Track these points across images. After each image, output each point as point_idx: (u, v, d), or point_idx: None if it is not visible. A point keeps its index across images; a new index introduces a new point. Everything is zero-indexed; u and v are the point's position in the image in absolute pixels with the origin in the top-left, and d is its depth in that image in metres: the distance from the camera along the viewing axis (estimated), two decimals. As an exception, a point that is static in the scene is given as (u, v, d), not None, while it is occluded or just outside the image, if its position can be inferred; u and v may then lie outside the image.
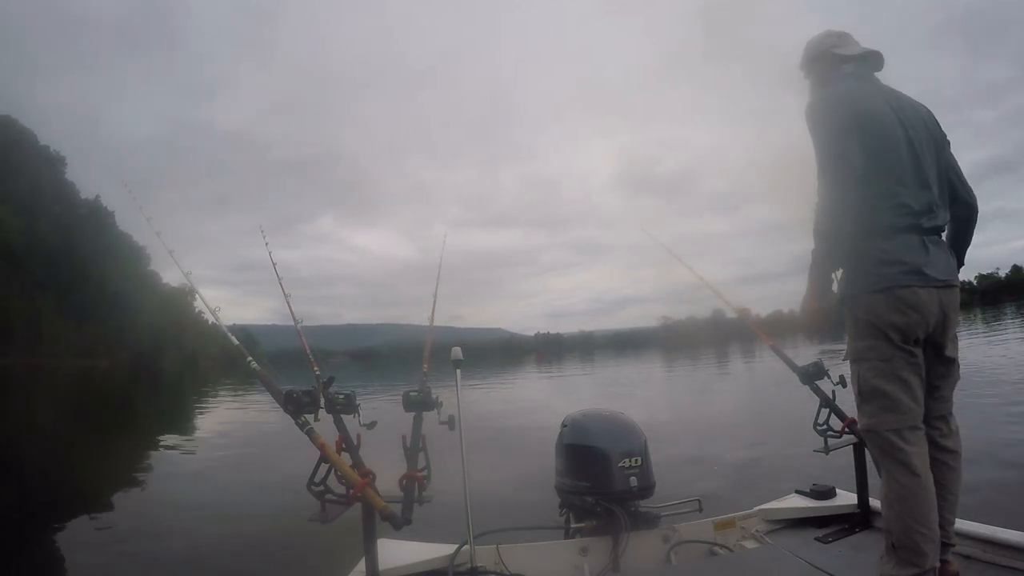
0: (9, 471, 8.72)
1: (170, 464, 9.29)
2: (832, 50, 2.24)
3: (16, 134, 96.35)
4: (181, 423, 15.31)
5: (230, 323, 2.57)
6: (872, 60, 2.22)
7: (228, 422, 15.13)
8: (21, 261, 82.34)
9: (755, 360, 26.91)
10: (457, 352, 2.59)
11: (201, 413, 18.94)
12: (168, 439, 11.84)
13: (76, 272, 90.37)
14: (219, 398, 23.34)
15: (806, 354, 2.76)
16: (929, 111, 2.19)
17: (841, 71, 2.20)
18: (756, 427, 9.18)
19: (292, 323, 2.74)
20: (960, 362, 2.13)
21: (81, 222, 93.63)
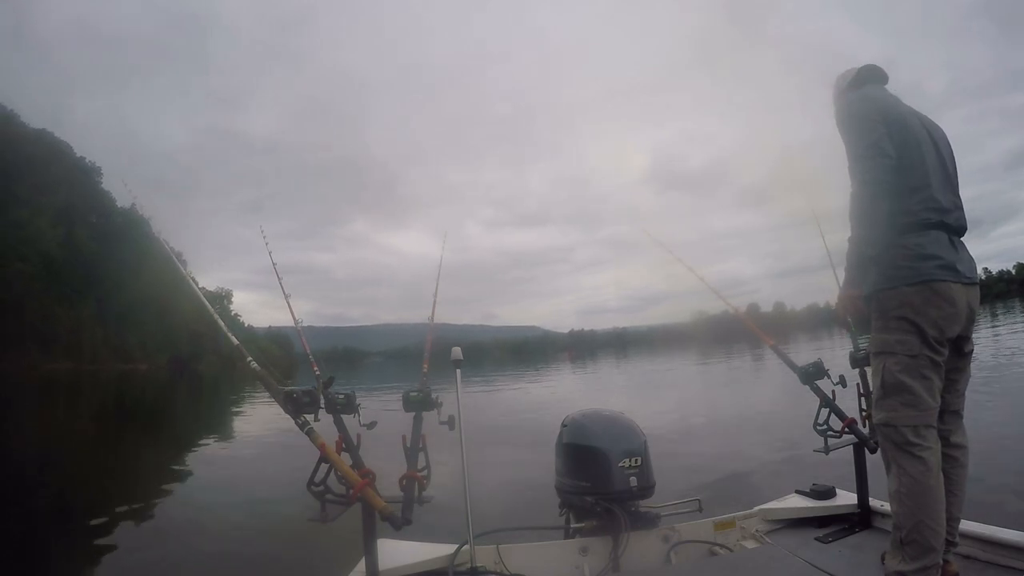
0: (50, 473, 8.97)
1: (183, 466, 9.49)
2: (850, 80, 2.37)
3: (53, 147, 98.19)
4: (207, 427, 15.66)
5: (266, 325, 2.58)
6: (877, 74, 2.32)
7: (246, 424, 15.48)
8: (61, 270, 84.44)
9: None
10: (457, 352, 2.60)
11: (228, 416, 19.34)
12: (190, 442, 12.09)
13: (114, 279, 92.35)
14: (250, 400, 23.68)
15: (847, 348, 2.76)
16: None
17: (865, 87, 2.30)
18: (758, 426, 9.10)
19: (328, 324, 2.77)
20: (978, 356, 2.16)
21: (118, 230, 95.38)
